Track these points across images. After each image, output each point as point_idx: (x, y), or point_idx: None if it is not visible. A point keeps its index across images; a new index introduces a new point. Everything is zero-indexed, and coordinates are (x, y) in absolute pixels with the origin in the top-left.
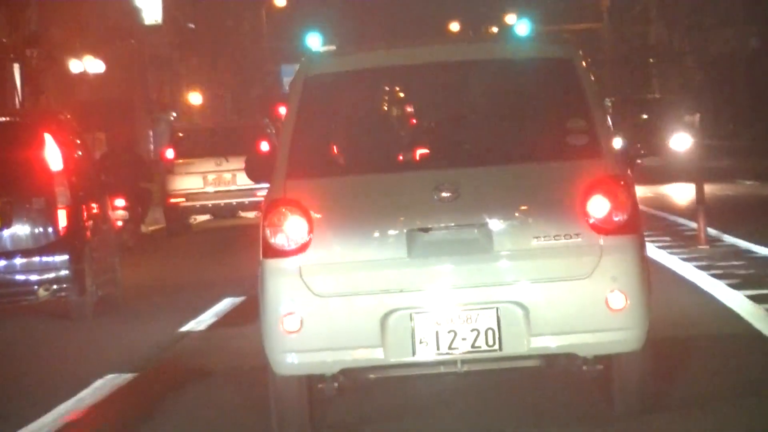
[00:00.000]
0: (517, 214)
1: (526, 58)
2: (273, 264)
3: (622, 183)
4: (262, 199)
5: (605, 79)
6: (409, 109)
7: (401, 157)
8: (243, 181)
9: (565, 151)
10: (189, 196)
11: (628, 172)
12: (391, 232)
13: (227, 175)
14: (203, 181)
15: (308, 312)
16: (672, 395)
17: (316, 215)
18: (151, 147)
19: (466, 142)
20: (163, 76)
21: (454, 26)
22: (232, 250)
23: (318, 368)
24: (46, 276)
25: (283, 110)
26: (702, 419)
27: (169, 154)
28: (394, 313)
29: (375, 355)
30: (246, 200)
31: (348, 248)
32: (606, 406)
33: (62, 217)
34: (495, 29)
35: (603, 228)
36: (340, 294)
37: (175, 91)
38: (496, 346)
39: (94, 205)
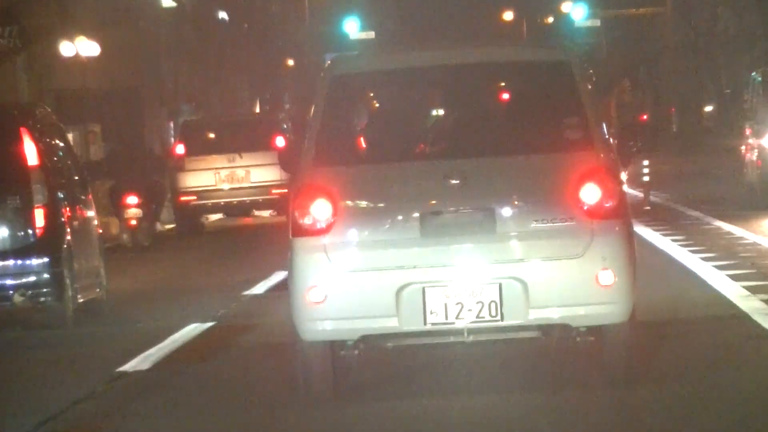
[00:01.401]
0: (518, 200)
1: (528, 61)
2: (300, 242)
3: (611, 173)
4: (277, 197)
5: (668, 69)
6: (422, 106)
7: (415, 148)
8: (257, 177)
9: (560, 144)
10: (200, 194)
11: (620, 164)
12: (406, 214)
13: (241, 172)
14: (215, 178)
15: (332, 285)
16: (657, 367)
17: (339, 199)
18: (172, 140)
19: (472, 135)
20: (182, 65)
21: (508, 15)
22: (242, 252)
23: (340, 335)
24: (22, 280)
25: None
26: (682, 389)
27: (180, 149)
28: (407, 286)
29: (390, 323)
30: (260, 198)
31: (367, 229)
32: (596, 374)
33: (39, 217)
34: (551, 19)
35: (594, 213)
36: (360, 269)
37: (195, 82)
38: (498, 317)
39: (75, 203)
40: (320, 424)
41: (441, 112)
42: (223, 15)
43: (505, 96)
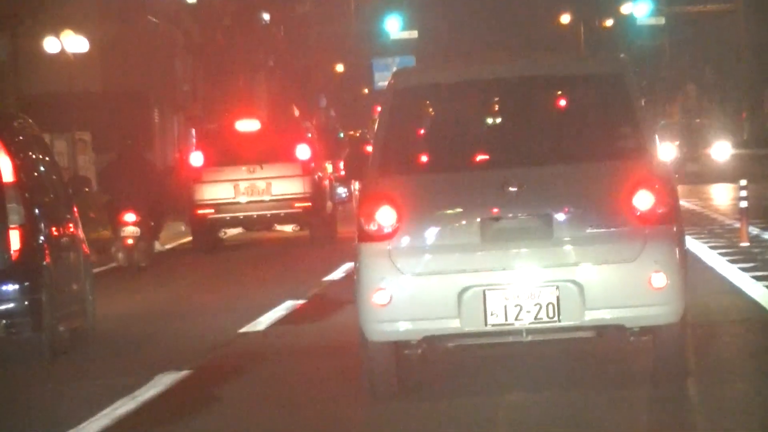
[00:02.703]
0: (573, 206)
1: (583, 73)
2: (366, 247)
3: (662, 180)
4: (300, 210)
5: (740, 72)
6: (482, 117)
7: (475, 158)
8: (279, 190)
9: (614, 153)
10: (218, 207)
11: (673, 172)
12: (467, 221)
13: (261, 184)
14: (234, 191)
15: (396, 288)
16: (704, 366)
17: (403, 206)
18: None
19: (529, 144)
20: (198, 68)
21: (565, 18)
22: (252, 275)
23: (404, 335)
24: None
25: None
26: (735, 386)
27: (196, 159)
28: (469, 289)
29: (452, 324)
30: (282, 212)
31: (430, 234)
32: (648, 372)
33: (15, 239)
34: (609, 22)
35: (647, 219)
36: (424, 273)
37: (217, 86)
38: (556, 318)
39: (58, 222)
40: (384, 420)
41: (499, 122)
42: (263, 15)
43: (561, 107)
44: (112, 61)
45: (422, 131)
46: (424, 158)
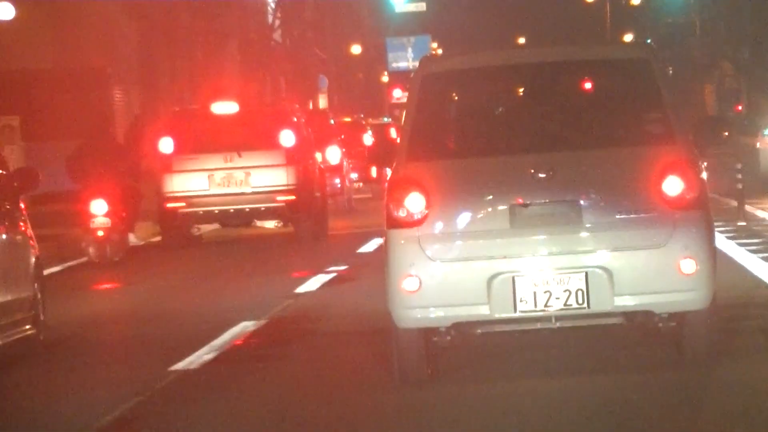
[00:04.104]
0: (602, 192)
1: (610, 58)
2: (395, 234)
3: (692, 165)
4: (283, 204)
5: None
6: (510, 102)
7: (503, 143)
8: (259, 181)
9: (643, 138)
10: (190, 201)
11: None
12: (496, 206)
13: (239, 174)
14: (208, 182)
15: (426, 274)
16: (731, 349)
17: (432, 192)
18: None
19: (558, 130)
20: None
21: (628, 37)
22: (223, 281)
23: (434, 322)
24: None
25: (396, 93)
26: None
27: (166, 146)
28: (498, 275)
29: (482, 311)
30: (262, 206)
31: (459, 220)
32: (677, 356)
33: None
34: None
35: (676, 204)
36: (453, 259)
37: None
38: (585, 305)
39: None
40: (414, 405)
41: (528, 108)
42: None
43: (589, 92)
44: (64, 34)
45: (450, 117)
46: (452, 144)
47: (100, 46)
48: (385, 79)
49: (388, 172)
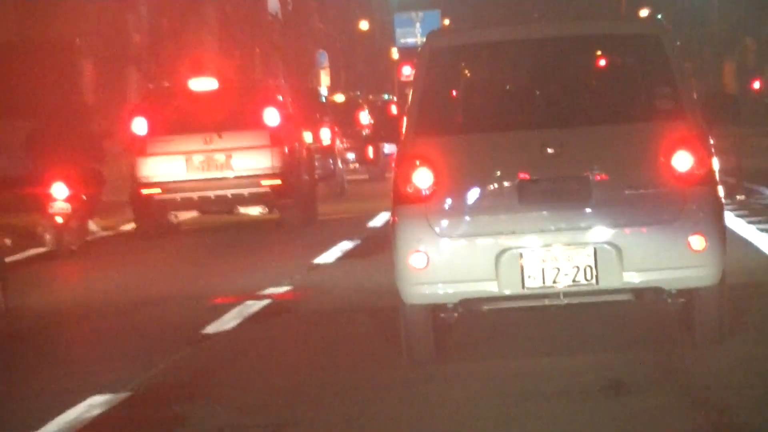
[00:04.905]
0: (612, 168)
1: (620, 33)
2: (403, 209)
3: (701, 141)
4: (268, 189)
5: None
6: (519, 77)
7: (512, 118)
8: (242, 164)
9: (653, 113)
10: (167, 186)
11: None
12: (504, 182)
13: (219, 157)
14: (186, 165)
15: (433, 250)
16: (741, 327)
17: (440, 168)
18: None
19: (568, 105)
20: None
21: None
22: (196, 274)
23: (441, 298)
24: None
25: (406, 70)
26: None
27: (140, 127)
28: (506, 251)
29: (490, 287)
30: (245, 191)
31: (467, 196)
32: (687, 334)
33: None
34: None
35: (685, 180)
36: (461, 235)
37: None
38: (594, 281)
39: None
40: (421, 381)
41: (537, 83)
42: None
43: (598, 68)
44: (29, 3)
45: (458, 92)
46: (460, 119)
47: (69, 16)
48: (395, 56)
49: (386, 150)
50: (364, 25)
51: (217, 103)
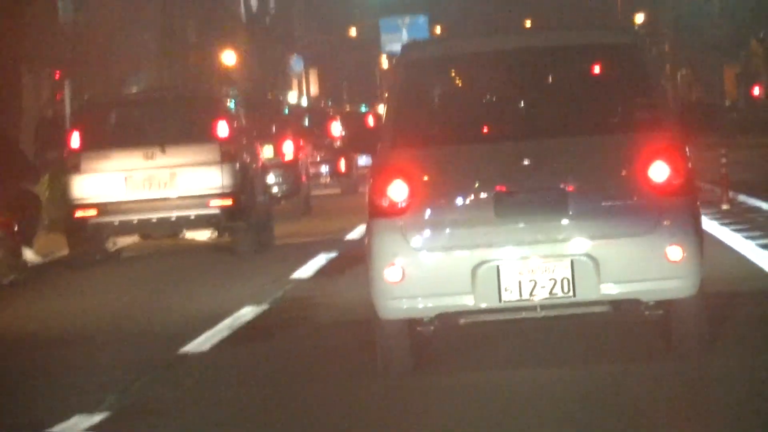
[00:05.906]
0: (588, 179)
1: (596, 43)
2: (378, 223)
3: (678, 151)
4: (218, 210)
5: None
6: (494, 89)
7: (489, 130)
8: (187, 184)
9: (630, 124)
10: (103, 208)
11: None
12: (481, 194)
13: (163, 174)
14: (125, 184)
15: (409, 264)
16: (722, 339)
17: (415, 180)
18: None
19: (543, 116)
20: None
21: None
22: (130, 317)
23: (417, 313)
24: None
25: None
26: (751, 360)
27: (73, 141)
28: (483, 264)
29: (466, 301)
30: (192, 213)
31: (443, 209)
32: (665, 347)
33: None
34: None
35: (662, 190)
36: (437, 248)
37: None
38: (571, 293)
39: None
40: (398, 395)
41: (512, 95)
42: None
43: (574, 78)
44: None
45: (434, 104)
46: (436, 131)
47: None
48: (384, 65)
49: (361, 162)
50: (349, 30)
51: (160, 113)
